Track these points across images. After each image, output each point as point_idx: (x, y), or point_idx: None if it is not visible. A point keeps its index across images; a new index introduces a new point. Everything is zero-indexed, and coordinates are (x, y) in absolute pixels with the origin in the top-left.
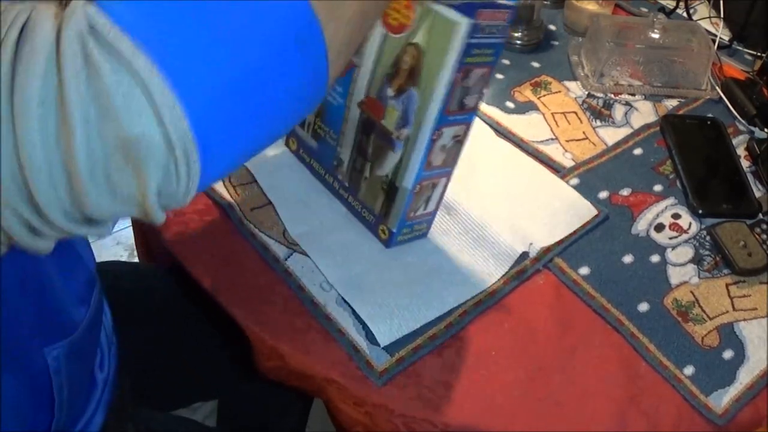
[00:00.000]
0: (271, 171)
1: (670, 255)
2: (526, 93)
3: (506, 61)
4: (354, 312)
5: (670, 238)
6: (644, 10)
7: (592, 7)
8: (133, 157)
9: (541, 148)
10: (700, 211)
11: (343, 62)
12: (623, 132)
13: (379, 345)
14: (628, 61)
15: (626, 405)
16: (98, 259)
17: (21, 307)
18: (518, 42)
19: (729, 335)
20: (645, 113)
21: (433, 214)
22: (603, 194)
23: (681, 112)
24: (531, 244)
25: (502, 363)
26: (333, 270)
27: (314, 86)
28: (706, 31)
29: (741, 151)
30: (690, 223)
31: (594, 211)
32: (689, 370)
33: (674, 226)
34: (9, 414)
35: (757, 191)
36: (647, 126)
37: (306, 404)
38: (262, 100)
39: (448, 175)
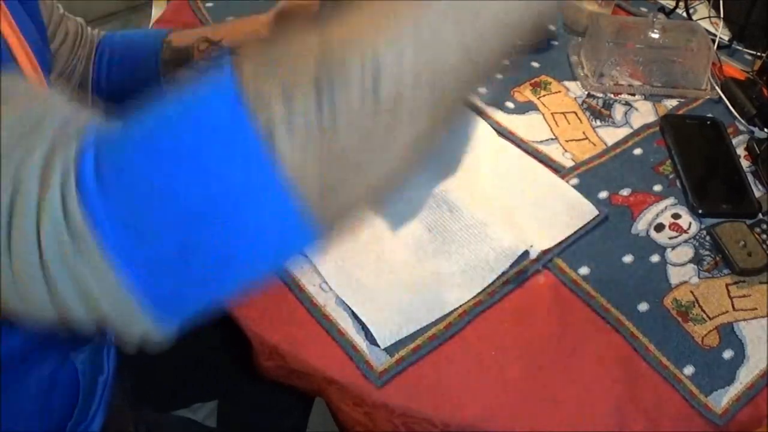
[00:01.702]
0: None
1: (670, 255)
2: (525, 93)
3: (505, 61)
4: (354, 313)
5: (670, 238)
6: (644, 10)
7: (591, 7)
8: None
9: (541, 148)
10: (700, 211)
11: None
12: (623, 132)
13: (379, 346)
14: (627, 61)
15: (626, 405)
16: None
17: None
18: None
19: (729, 335)
20: (645, 113)
21: None
22: (603, 194)
23: (681, 112)
24: (531, 245)
25: (502, 363)
26: (333, 273)
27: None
28: (706, 31)
29: (741, 151)
30: (690, 223)
31: (595, 212)
32: (689, 369)
33: (674, 226)
34: (33, 413)
35: (757, 191)
36: (647, 126)
37: (306, 404)
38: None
39: None
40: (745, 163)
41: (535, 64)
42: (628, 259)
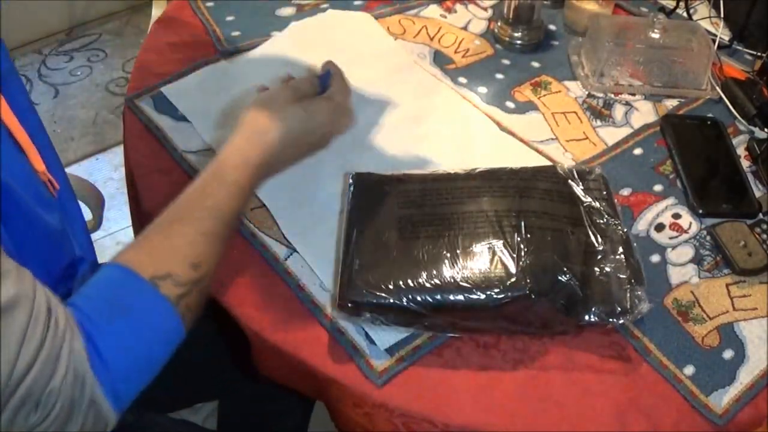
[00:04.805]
0: None
1: (671, 255)
2: (526, 93)
3: (506, 61)
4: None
5: (671, 238)
6: (644, 10)
7: (592, 7)
8: None
9: (542, 148)
10: (701, 211)
11: None
12: (623, 132)
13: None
14: (628, 61)
15: (626, 405)
16: (99, 260)
17: None
18: (518, 42)
19: (729, 335)
20: (645, 113)
21: None
22: None
23: (681, 112)
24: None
25: (502, 363)
26: (330, 275)
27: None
28: (706, 31)
29: (741, 151)
30: (690, 223)
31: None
32: (689, 370)
33: (674, 226)
34: None
35: (757, 191)
36: (647, 126)
37: (307, 405)
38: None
39: None
40: (745, 163)
41: (536, 64)
42: None
